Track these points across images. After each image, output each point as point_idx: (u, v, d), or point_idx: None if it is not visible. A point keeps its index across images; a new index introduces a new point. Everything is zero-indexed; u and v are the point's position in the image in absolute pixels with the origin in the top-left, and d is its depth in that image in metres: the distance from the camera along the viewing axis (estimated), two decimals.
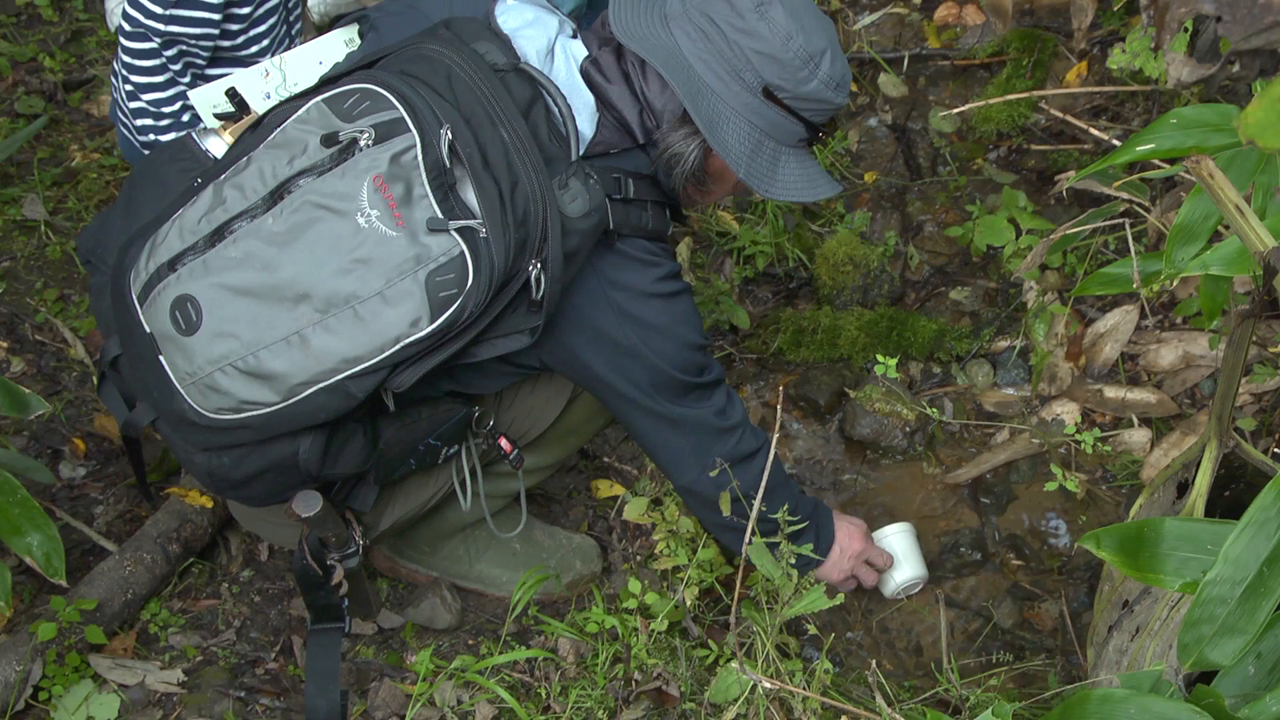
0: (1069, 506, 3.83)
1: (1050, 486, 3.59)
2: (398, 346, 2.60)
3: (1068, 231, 3.56)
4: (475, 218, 2.56)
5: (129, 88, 3.44)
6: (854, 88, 4.96)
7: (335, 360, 2.61)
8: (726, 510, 2.98)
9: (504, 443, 3.16)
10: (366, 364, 2.61)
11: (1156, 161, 3.43)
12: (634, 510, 3.63)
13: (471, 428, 3.13)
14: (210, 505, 3.56)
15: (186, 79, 3.45)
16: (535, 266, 2.62)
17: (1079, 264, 4.18)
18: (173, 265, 2.71)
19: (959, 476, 3.91)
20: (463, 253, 2.55)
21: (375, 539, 3.31)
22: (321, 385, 2.64)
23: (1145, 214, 3.64)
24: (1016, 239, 4.30)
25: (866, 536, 3.53)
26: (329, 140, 2.63)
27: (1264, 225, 2.22)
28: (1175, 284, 3.93)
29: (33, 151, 4.53)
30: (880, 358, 3.68)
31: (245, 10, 3.46)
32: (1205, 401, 3.92)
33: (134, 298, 2.77)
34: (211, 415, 2.71)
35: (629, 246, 2.84)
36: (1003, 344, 4.20)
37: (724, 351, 4.19)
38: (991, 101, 4.53)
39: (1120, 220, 3.58)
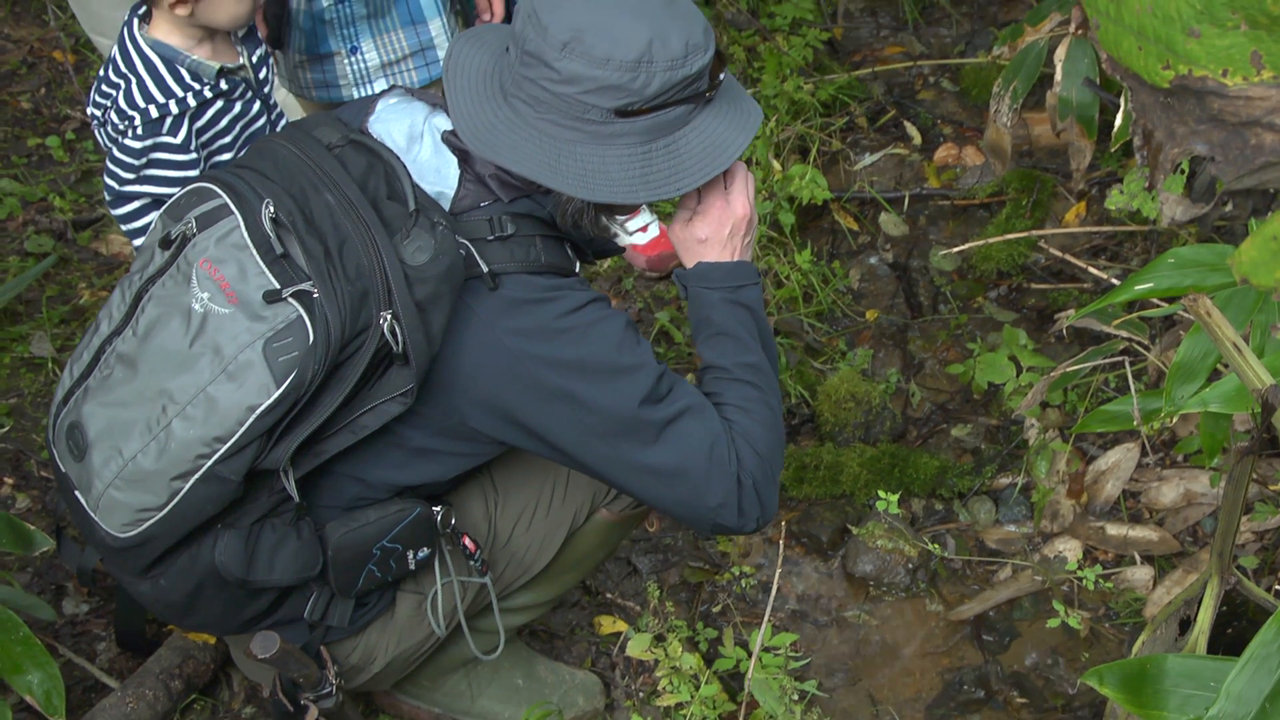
0: (1072, 644, 3.82)
1: (1053, 623, 3.59)
2: (253, 418, 2.58)
3: (1068, 369, 3.59)
4: (308, 280, 2.56)
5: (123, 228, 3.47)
6: (855, 225, 5.02)
7: (199, 446, 2.61)
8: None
9: (468, 541, 3.09)
10: (229, 443, 2.60)
11: (1155, 300, 3.47)
12: (637, 646, 3.62)
13: (438, 529, 3.00)
14: (213, 641, 3.55)
15: None
16: (385, 318, 2.58)
17: (1080, 401, 4.20)
18: (65, 400, 2.79)
19: (962, 613, 3.90)
20: (299, 316, 2.54)
21: (373, 683, 3.27)
22: (196, 476, 2.64)
23: (1145, 352, 3.67)
24: (1017, 376, 4.32)
25: (692, 225, 2.95)
26: (164, 243, 2.68)
27: (1262, 363, 2.25)
28: (1175, 421, 3.95)
29: (41, 289, 4.57)
30: (882, 494, 3.69)
31: (227, 140, 3.49)
32: (1207, 539, 3.92)
33: (49, 440, 2.85)
34: (120, 535, 2.72)
35: (518, 288, 2.70)
36: (1004, 481, 4.21)
37: None
38: (991, 241, 4.59)
39: (1120, 358, 3.61)
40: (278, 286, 2.54)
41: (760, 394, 2.86)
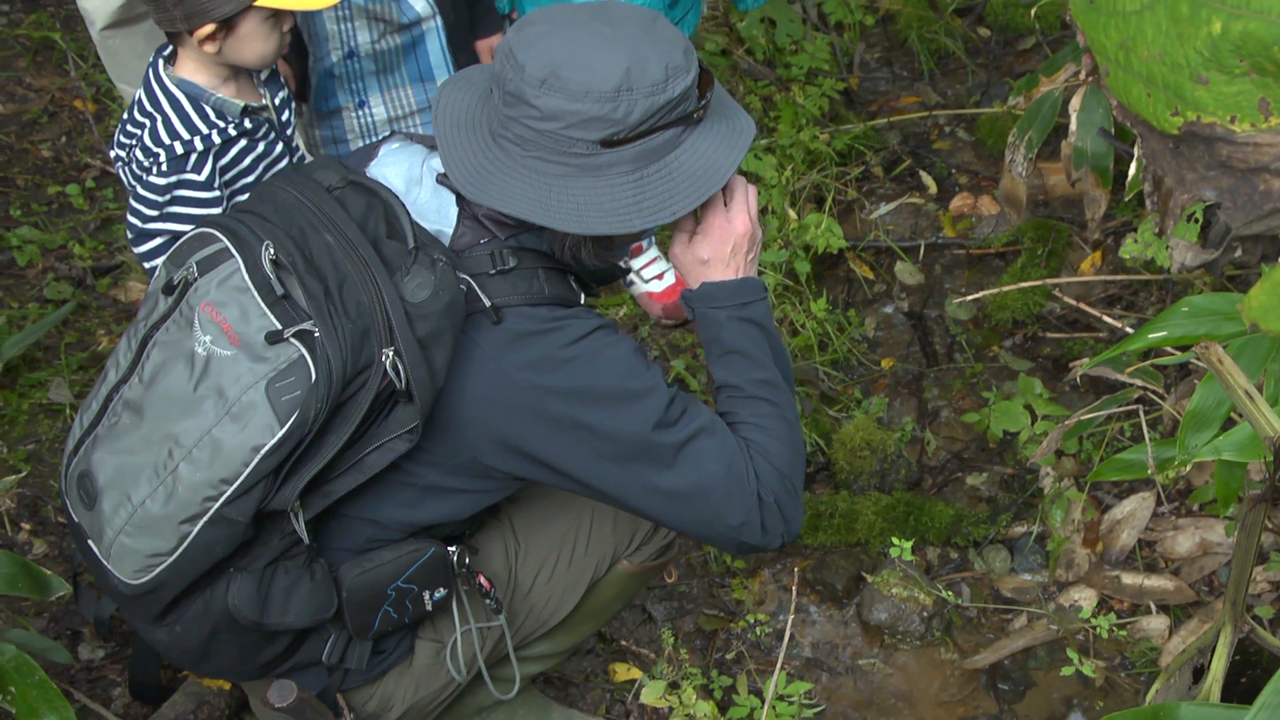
0: (1087, 693, 3.81)
1: (1067, 672, 3.58)
2: (258, 459, 2.59)
3: (1083, 418, 3.59)
4: (309, 319, 2.58)
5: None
6: (870, 274, 5.03)
7: (205, 488, 2.61)
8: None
9: (482, 580, 3.08)
10: (236, 485, 2.61)
11: (1169, 349, 3.48)
12: (652, 694, 3.62)
13: (454, 568, 3.00)
14: (227, 687, 3.55)
15: None
16: (387, 355, 2.59)
17: (1095, 450, 4.20)
18: (75, 450, 2.80)
19: (977, 662, 3.89)
20: (301, 355, 2.55)
21: None
22: (204, 519, 2.64)
23: (1159, 401, 3.67)
24: (1032, 425, 4.32)
25: (696, 245, 2.92)
26: (167, 289, 2.70)
27: (1274, 411, 2.25)
28: (1190, 470, 3.95)
29: (60, 336, 4.60)
30: (895, 540, 3.69)
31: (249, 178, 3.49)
32: (1223, 589, 3.91)
33: (62, 490, 2.86)
34: (132, 582, 2.72)
35: (522, 321, 2.69)
36: (1020, 529, 4.21)
37: None
38: (1006, 289, 4.60)
39: (1135, 407, 3.61)
40: (279, 327, 2.56)
41: (776, 409, 2.84)
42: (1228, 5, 1.81)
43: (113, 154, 3.39)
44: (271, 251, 2.61)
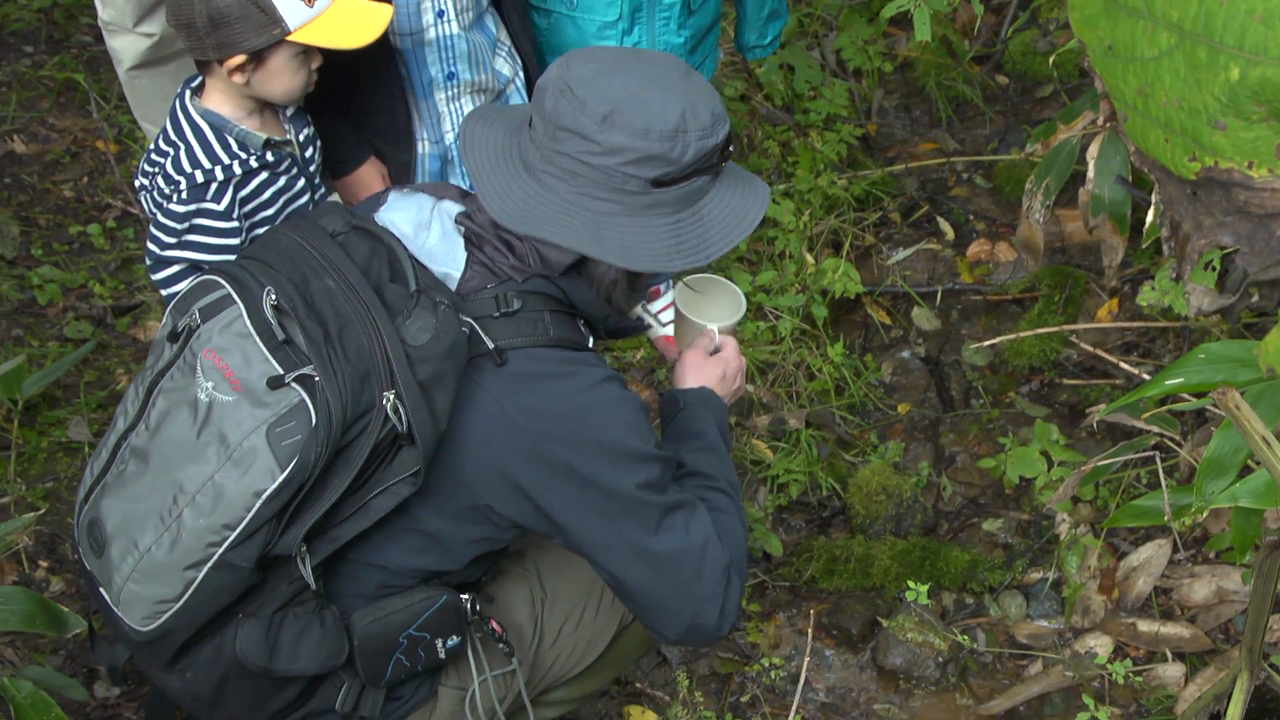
0: None
1: (1082, 718, 3.57)
2: (259, 504, 2.59)
3: (1099, 464, 3.58)
4: (310, 364, 2.58)
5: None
6: (887, 319, 5.04)
7: (209, 534, 2.61)
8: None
9: (494, 624, 3.08)
10: (238, 530, 2.61)
11: (1186, 395, 3.48)
12: None
13: (466, 616, 2.98)
14: None
15: None
16: (388, 398, 2.60)
17: (1111, 497, 4.20)
18: (86, 498, 2.81)
19: (992, 708, 3.88)
20: (302, 400, 2.56)
21: None
22: (208, 565, 2.64)
23: (1176, 448, 3.67)
24: (1049, 471, 4.32)
25: (708, 362, 3.20)
26: (172, 336, 2.71)
27: None
28: (1207, 517, 3.94)
29: (80, 375, 4.61)
30: (911, 584, 3.68)
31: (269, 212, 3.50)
32: (1239, 636, 3.90)
33: (74, 538, 2.88)
34: (141, 629, 2.73)
35: (526, 362, 2.72)
36: (1035, 576, 4.20)
37: (757, 579, 4.19)
38: (1023, 336, 4.60)
39: (1151, 453, 3.61)
40: (281, 372, 2.57)
41: (736, 510, 2.95)
42: (1245, 52, 1.82)
43: (137, 183, 3.42)
44: (273, 297, 2.62)
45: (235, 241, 3.32)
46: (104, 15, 3.91)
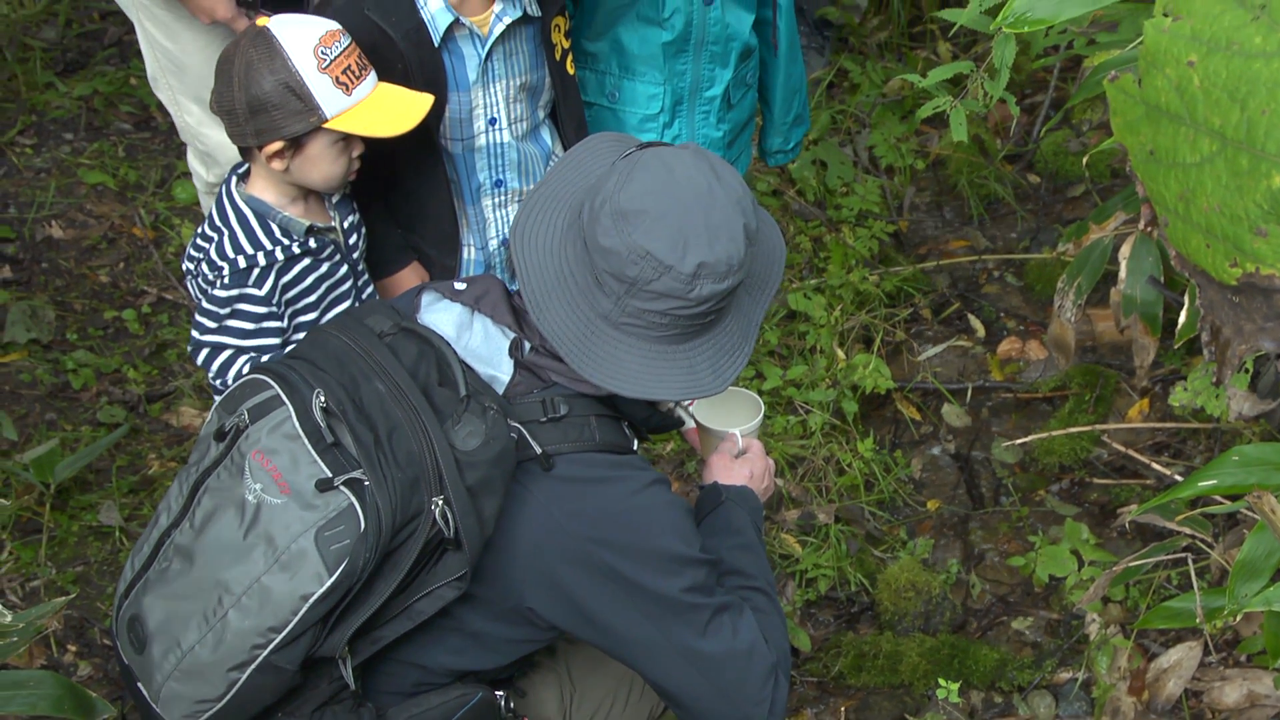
0: None
1: None
2: (306, 608, 2.58)
3: (1130, 565, 3.58)
4: (359, 467, 2.59)
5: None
6: (917, 415, 5.05)
7: (254, 636, 2.61)
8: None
9: None
10: (284, 633, 2.60)
11: (1219, 497, 3.47)
12: None
13: (501, 713, 2.99)
14: None
15: None
16: (437, 504, 2.60)
17: (1142, 598, 4.18)
18: (126, 593, 2.80)
19: None
20: (351, 504, 2.55)
21: None
22: (252, 666, 2.63)
23: (1208, 549, 3.67)
24: (1079, 570, 4.31)
25: (735, 464, 3.25)
26: (219, 435, 2.71)
27: None
28: (1239, 620, 3.92)
29: (112, 459, 4.63)
30: (942, 681, 3.67)
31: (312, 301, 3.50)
32: None
33: (113, 632, 2.86)
34: None
35: (573, 467, 2.73)
36: (1065, 675, 4.18)
37: None
38: (1054, 434, 4.60)
39: (1183, 555, 3.61)
40: (329, 475, 2.57)
41: (776, 610, 2.96)
42: None
43: (184, 267, 3.45)
44: (322, 399, 2.63)
45: (277, 325, 3.34)
46: (209, 178, 4.01)
